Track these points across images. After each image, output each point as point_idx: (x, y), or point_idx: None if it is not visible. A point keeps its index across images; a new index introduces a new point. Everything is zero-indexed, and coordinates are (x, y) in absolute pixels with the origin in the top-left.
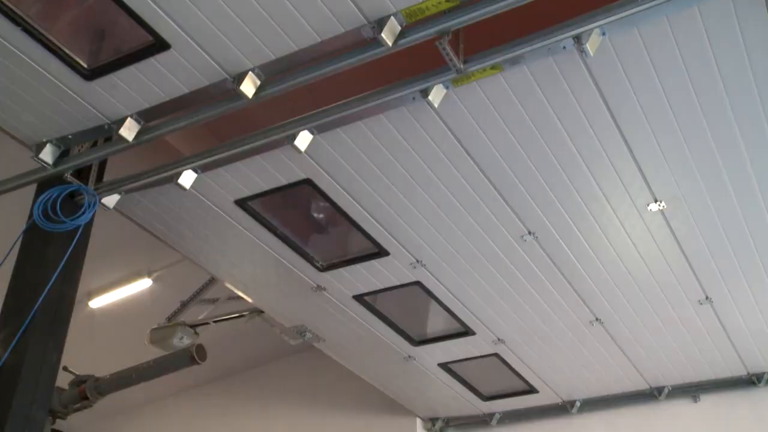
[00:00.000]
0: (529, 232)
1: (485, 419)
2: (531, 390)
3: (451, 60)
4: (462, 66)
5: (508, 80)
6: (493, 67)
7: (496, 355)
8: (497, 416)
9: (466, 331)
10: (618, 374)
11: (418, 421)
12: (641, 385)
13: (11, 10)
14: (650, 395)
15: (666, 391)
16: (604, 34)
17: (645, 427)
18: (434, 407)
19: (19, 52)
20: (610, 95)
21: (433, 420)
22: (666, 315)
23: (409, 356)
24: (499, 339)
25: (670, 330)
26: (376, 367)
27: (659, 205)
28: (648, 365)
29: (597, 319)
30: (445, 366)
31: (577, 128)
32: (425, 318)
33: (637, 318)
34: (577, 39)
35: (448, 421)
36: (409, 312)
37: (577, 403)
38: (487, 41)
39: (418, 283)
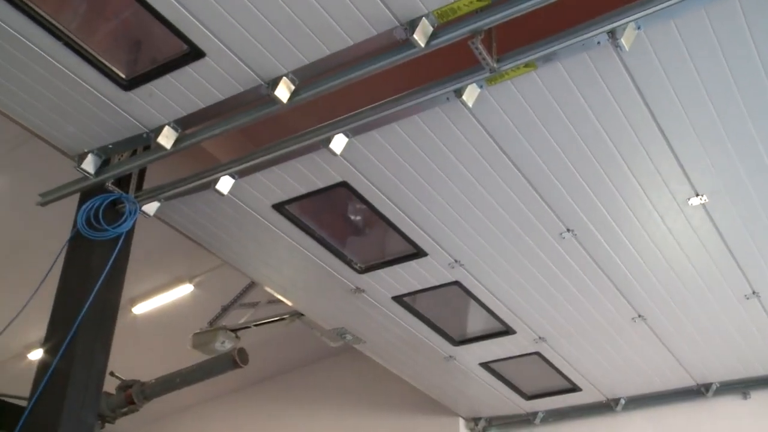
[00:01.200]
0: (568, 230)
1: (528, 418)
2: (574, 388)
3: (484, 59)
4: (495, 65)
5: (543, 78)
6: (526, 65)
7: (537, 353)
8: (540, 415)
9: (506, 330)
10: (663, 371)
11: (461, 421)
12: (688, 382)
13: (53, 25)
14: (697, 392)
15: (714, 388)
16: (639, 28)
17: (693, 424)
18: (476, 407)
19: (60, 66)
20: (647, 89)
21: (475, 420)
22: (711, 310)
23: (450, 356)
24: (540, 337)
25: (715, 325)
26: (417, 368)
27: (701, 198)
28: (694, 362)
29: (639, 316)
30: (486, 365)
31: (613, 123)
32: (465, 318)
33: (681, 314)
34: (612, 34)
35: (490, 421)
36: (448, 312)
37: (622, 401)
38: (520, 39)
39: (456, 283)
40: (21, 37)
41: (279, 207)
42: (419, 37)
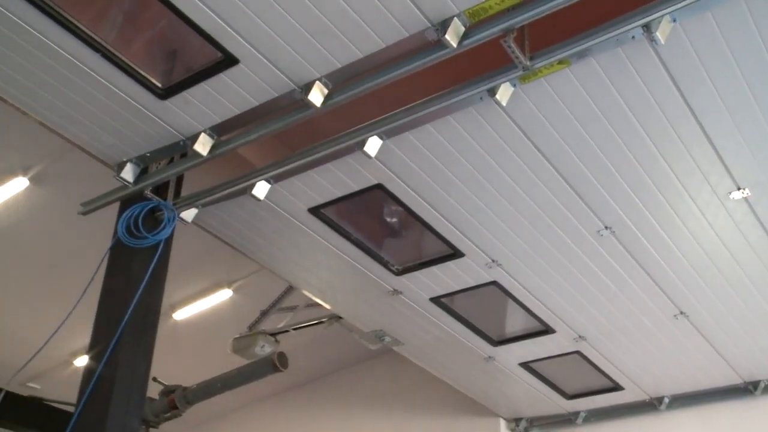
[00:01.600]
0: (606, 227)
1: (570, 418)
2: (616, 387)
3: (517, 57)
4: (528, 63)
5: (577, 74)
6: (560, 62)
7: (578, 352)
8: (582, 415)
9: (545, 330)
10: (707, 369)
11: (502, 422)
12: (734, 380)
13: (91, 37)
14: (745, 390)
15: (762, 385)
16: (674, 20)
17: (741, 423)
18: (517, 407)
19: (98, 77)
20: (684, 82)
21: (516, 420)
22: (756, 306)
23: (489, 357)
24: (580, 336)
25: (762, 322)
26: (457, 369)
27: (743, 192)
28: (740, 359)
29: (681, 313)
30: (526, 365)
31: (650, 118)
32: (504, 318)
33: (725, 310)
34: (647, 27)
35: (532, 421)
36: (487, 312)
37: (666, 400)
38: (553, 36)
39: (494, 283)
40: (60, 49)
41: (315, 210)
42: (451, 38)
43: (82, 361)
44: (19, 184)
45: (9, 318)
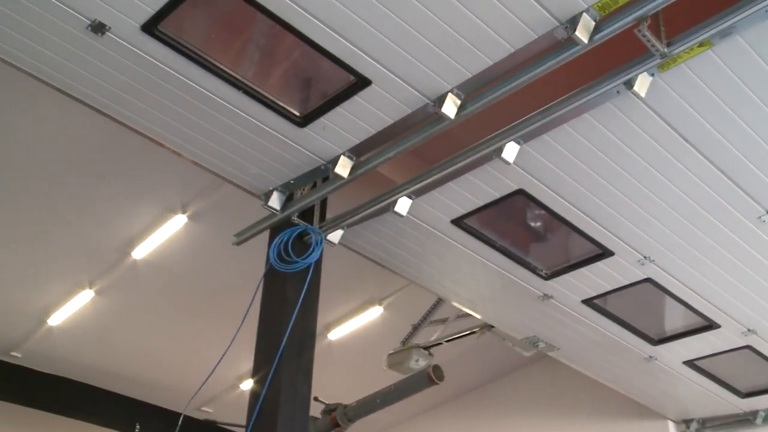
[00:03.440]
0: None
1: (747, 418)
2: None
3: (653, 45)
4: (666, 49)
5: (721, 55)
6: (701, 45)
7: (748, 347)
8: (762, 414)
9: (709, 325)
10: None
11: (670, 424)
12: None
13: (232, 76)
14: None
15: None
16: None
17: None
18: (686, 408)
19: (241, 113)
20: None
21: (686, 422)
22: None
23: (650, 356)
24: (749, 330)
25: None
26: (616, 371)
27: None
28: None
29: None
30: (691, 363)
31: None
32: (662, 315)
33: None
34: None
35: (704, 422)
36: (643, 311)
37: None
38: (691, 18)
39: (648, 280)
40: (205, 90)
41: (458, 221)
42: (581, 34)
43: (247, 384)
44: (178, 221)
45: (177, 347)
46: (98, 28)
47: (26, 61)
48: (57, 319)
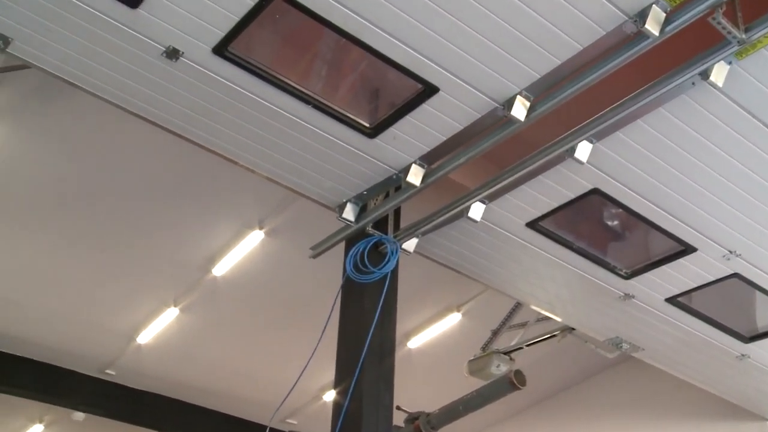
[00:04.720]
0: None
1: None
2: None
3: (729, 33)
4: (744, 36)
5: None
6: None
7: None
8: None
9: None
10: None
11: None
12: None
13: (301, 92)
14: None
15: None
16: None
17: None
18: None
19: (312, 127)
20: None
21: None
22: None
23: (742, 354)
24: None
25: None
26: (706, 371)
27: None
28: None
29: None
30: None
31: None
32: (752, 310)
33: None
34: None
35: None
36: (731, 307)
37: None
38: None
39: (736, 275)
40: (276, 107)
41: (533, 224)
42: (652, 27)
43: (329, 395)
44: (255, 237)
45: (259, 361)
46: (172, 54)
47: (108, 90)
48: (145, 337)
